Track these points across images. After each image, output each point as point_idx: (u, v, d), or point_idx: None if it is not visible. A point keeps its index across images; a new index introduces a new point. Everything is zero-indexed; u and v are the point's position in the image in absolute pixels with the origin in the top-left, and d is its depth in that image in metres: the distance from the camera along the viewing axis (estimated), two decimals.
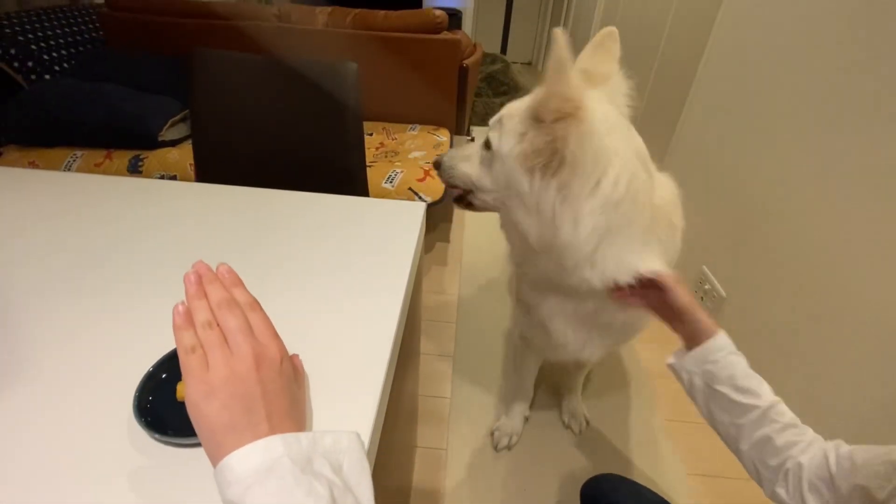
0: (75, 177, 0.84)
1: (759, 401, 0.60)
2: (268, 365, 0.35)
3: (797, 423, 0.59)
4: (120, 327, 0.51)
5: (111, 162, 1.71)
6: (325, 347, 0.49)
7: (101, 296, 0.55)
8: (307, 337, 0.51)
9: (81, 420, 0.40)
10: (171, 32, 2.16)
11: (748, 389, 0.61)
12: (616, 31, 0.72)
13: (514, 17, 6.12)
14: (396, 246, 0.67)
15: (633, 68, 0.71)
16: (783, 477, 0.56)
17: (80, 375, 0.45)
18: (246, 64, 1.06)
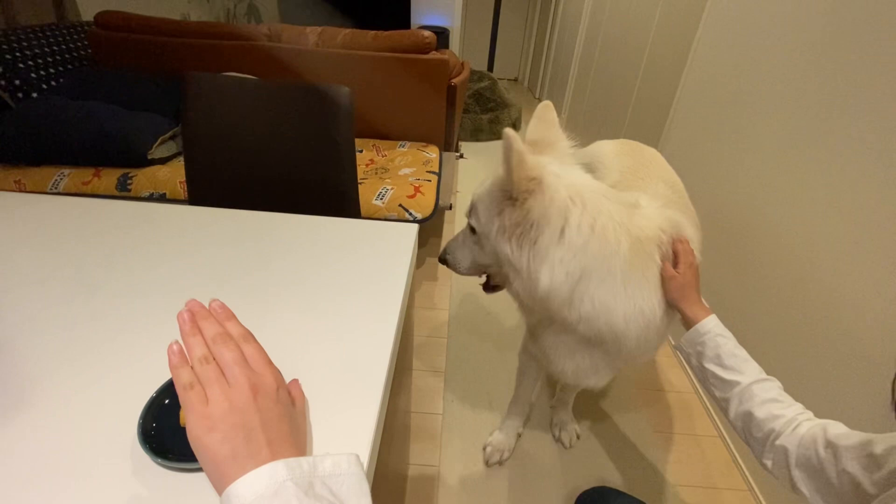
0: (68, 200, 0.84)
1: (741, 377, 0.68)
2: (264, 393, 0.37)
3: (782, 398, 0.65)
4: (119, 353, 0.51)
5: (99, 180, 1.70)
6: (322, 369, 0.51)
7: (98, 321, 0.55)
8: (304, 359, 0.52)
9: (83, 448, 0.41)
10: (160, 51, 2.18)
11: (732, 367, 0.69)
12: (551, 103, 0.82)
13: (500, 36, 6.26)
14: (390, 267, 0.69)
15: (616, 84, 0.76)
16: (770, 450, 0.62)
17: (80, 403, 0.45)
18: (239, 87, 1.07)
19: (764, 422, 0.62)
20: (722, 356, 0.70)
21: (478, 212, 0.76)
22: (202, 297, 0.60)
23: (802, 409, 0.63)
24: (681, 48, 1.77)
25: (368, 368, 0.51)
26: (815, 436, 0.56)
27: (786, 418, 0.61)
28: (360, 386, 0.49)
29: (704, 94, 1.62)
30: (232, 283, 0.64)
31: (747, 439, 0.66)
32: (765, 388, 0.66)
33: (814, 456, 0.55)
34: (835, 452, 0.52)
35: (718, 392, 0.70)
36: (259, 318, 0.58)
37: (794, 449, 0.58)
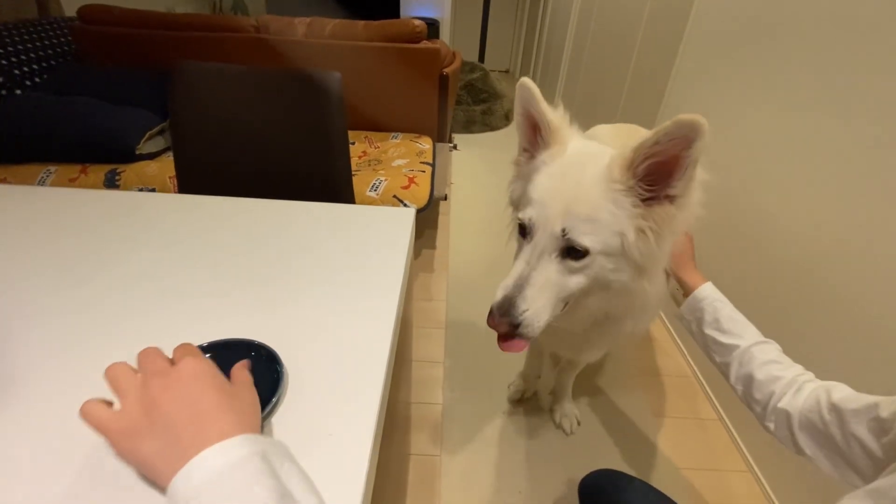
0: (53, 191, 0.82)
1: (740, 341, 0.68)
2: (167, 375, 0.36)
3: (782, 359, 0.65)
4: (107, 346, 0.50)
5: (86, 177, 1.67)
6: (321, 358, 0.49)
7: (85, 313, 0.54)
8: (305, 347, 0.50)
9: (70, 444, 0.39)
10: (146, 45, 2.13)
11: (730, 331, 0.70)
12: (530, 80, 0.72)
13: (491, 26, 6.21)
14: (388, 252, 0.68)
15: (609, 71, 0.75)
16: (772, 412, 0.61)
17: (67, 397, 0.43)
18: (228, 75, 1.05)
19: (764, 383, 0.62)
20: (720, 320, 0.71)
21: (597, 227, 0.61)
22: (193, 287, 0.59)
23: (802, 370, 0.63)
24: (674, 32, 1.76)
25: (369, 356, 0.50)
26: (818, 398, 0.55)
27: (786, 379, 0.61)
28: (361, 374, 0.48)
29: (699, 76, 1.62)
30: (225, 272, 0.63)
31: (748, 402, 0.66)
32: (764, 349, 0.66)
33: (818, 419, 0.54)
34: (840, 416, 0.52)
35: (719, 357, 0.71)
36: (255, 306, 0.56)
37: (796, 412, 0.57)
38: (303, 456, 0.39)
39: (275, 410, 0.42)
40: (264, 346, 0.47)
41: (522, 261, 0.64)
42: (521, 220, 0.66)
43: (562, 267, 0.64)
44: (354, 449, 0.39)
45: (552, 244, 0.63)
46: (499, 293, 0.65)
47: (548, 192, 0.64)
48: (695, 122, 0.53)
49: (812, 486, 1.04)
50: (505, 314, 0.63)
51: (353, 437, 0.40)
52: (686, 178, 0.59)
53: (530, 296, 0.63)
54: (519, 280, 0.64)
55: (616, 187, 0.60)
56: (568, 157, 0.67)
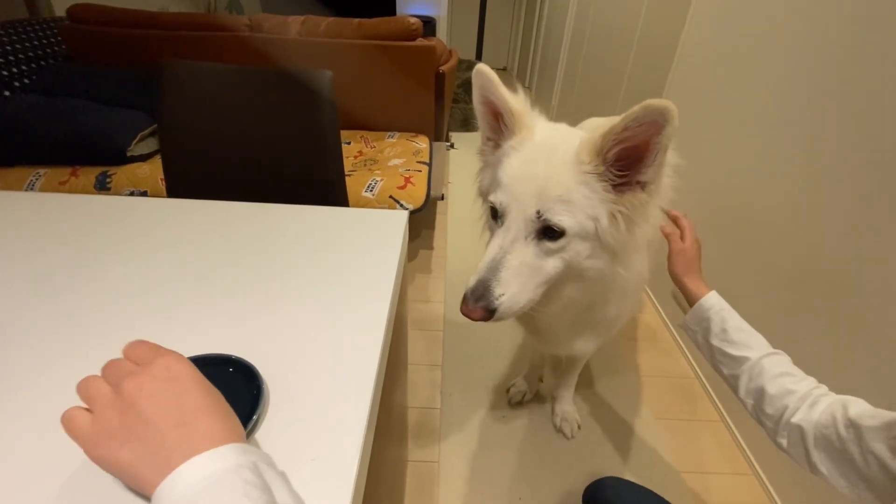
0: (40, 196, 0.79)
1: (750, 352, 0.65)
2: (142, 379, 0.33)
3: (794, 372, 0.62)
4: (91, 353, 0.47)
5: (77, 179, 1.64)
6: (310, 363, 0.47)
7: (69, 321, 0.51)
8: (290, 353, 0.48)
9: (43, 460, 0.37)
10: (138, 45, 2.10)
11: (739, 342, 0.67)
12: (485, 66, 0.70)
13: (488, 24, 6.18)
14: (380, 255, 0.65)
15: (607, 70, 0.72)
16: (784, 428, 0.58)
17: (41, 411, 0.41)
18: (217, 74, 1.02)
19: (776, 397, 0.60)
20: (728, 331, 0.68)
21: (572, 208, 0.60)
22: (177, 296, 0.56)
23: (816, 384, 0.60)
24: (671, 30, 1.73)
25: (359, 360, 0.47)
26: (833, 414, 0.53)
27: (799, 394, 0.58)
28: (350, 378, 0.45)
29: (697, 76, 1.59)
30: (212, 276, 0.60)
31: (759, 417, 0.63)
32: (775, 361, 0.63)
33: (834, 435, 0.52)
34: (858, 433, 0.49)
35: (727, 369, 0.68)
36: (243, 311, 0.54)
37: (810, 428, 0.55)
38: None
39: (256, 429, 0.40)
40: (243, 361, 0.44)
41: (496, 245, 0.62)
42: (492, 203, 0.65)
43: (538, 249, 0.62)
44: (339, 471, 0.37)
45: (527, 227, 0.61)
46: (472, 278, 0.62)
47: (519, 176, 0.63)
48: (664, 107, 0.53)
49: (816, 490, 1.02)
50: (480, 298, 0.61)
51: (338, 458, 0.38)
52: (656, 165, 0.58)
53: (505, 279, 0.61)
54: (493, 263, 0.61)
55: (586, 170, 0.60)
56: (537, 142, 0.65)
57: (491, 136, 0.71)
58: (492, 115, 0.69)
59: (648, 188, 0.60)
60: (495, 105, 0.67)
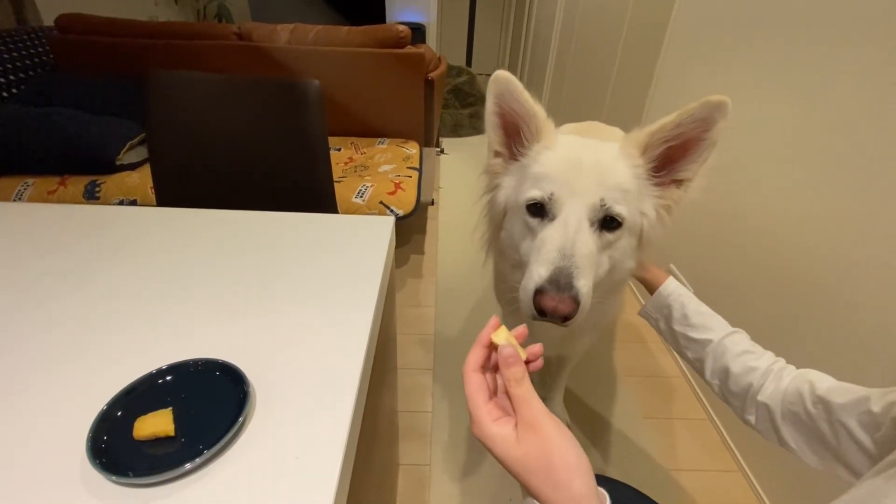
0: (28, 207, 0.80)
1: (712, 334, 0.67)
2: None
3: (753, 349, 0.64)
4: (69, 364, 0.48)
5: (65, 189, 1.64)
6: (295, 367, 0.48)
7: (47, 332, 0.52)
8: (277, 357, 0.49)
9: (30, 468, 0.38)
10: (127, 54, 2.10)
11: (700, 325, 0.68)
12: None
13: (478, 30, 6.23)
14: (365, 261, 0.66)
15: (593, 75, 0.74)
16: (751, 405, 0.60)
17: (28, 419, 0.42)
18: (204, 84, 1.03)
19: (740, 375, 0.62)
20: (689, 315, 0.69)
21: (629, 198, 0.60)
22: (163, 303, 0.57)
23: (773, 357, 0.62)
24: (656, 32, 1.77)
25: (343, 363, 0.49)
26: (800, 390, 0.54)
27: (761, 370, 0.60)
28: (334, 381, 0.46)
29: (680, 79, 1.63)
30: (200, 283, 0.61)
31: (726, 397, 0.65)
32: (735, 340, 0.65)
33: (802, 412, 0.53)
34: (828, 409, 0.51)
35: (691, 353, 0.70)
36: (230, 317, 0.55)
37: (777, 405, 0.57)
38: (270, 477, 0.38)
39: (242, 431, 0.41)
40: (230, 364, 0.45)
41: (557, 234, 0.56)
42: (535, 199, 0.59)
43: (599, 242, 0.59)
44: (323, 468, 0.38)
45: (591, 215, 0.58)
46: (542, 269, 0.54)
47: (571, 166, 0.59)
48: (721, 102, 0.52)
49: (802, 484, 1.04)
50: (564, 288, 0.52)
51: (321, 456, 0.39)
52: (701, 161, 0.58)
53: (582, 266, 0.54)
54: (565, 250, 0.55)
55: (637, 163, 0.60)
56: (570, 143, 0.63)
57: (501, 150, 0.68)
58: (505, 126, 0.65)
59: (685, 185, 0.61)
60: (516, 113, 0.63)
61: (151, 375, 0.44)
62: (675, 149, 0.58)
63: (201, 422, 0.41)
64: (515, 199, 0.65)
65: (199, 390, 0.43)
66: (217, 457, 0.39)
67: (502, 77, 0.61)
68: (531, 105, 0.62)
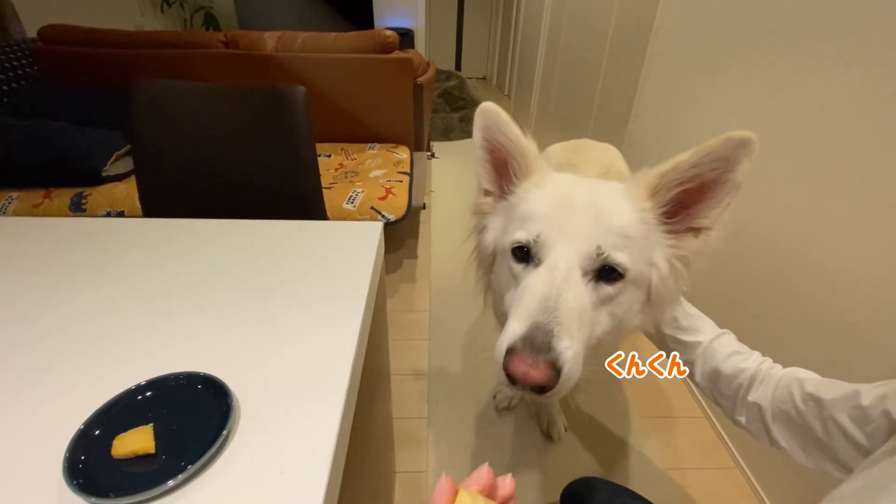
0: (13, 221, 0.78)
1: (702, 336, 0.66)
2: None
3: (742, 349, 0.64)
4: (45, 383, 0.47)
5: (51, 201, 1.61)
6: (281, 379, 0.47)
7: (27, 350, 0.50)
8: (262, 369, 0.48)
9: (4, 490, 0.36)
10: (112, 64, 2.09)
11: (689, 328, 0.67)
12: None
13: (466, 35, 6.27)
14: (353, 268, 0.66)
15: (581, 77, 0.73)
16: (742, 405, 0.60)
17: (2, 440, 0.40)
18: (189, 93, 1.02)
19: (730, 377, 0.61)
20: (678, 317, 0.68)
21: (632, 246, 0.51)
22: (146, 317, 0.56)
23: (761, 357, 0.62)
24: (641, 32, 1.79)
25: (330, 372, 0.48)
26: (790, 389, 0.54)
27: (750, 371, 0.60)
28: (321, 391, 0.46)
29: (665, 80, 1.64)
30: (183, 294, 0.60)
31: (716, 398, 0.65)
32: (724, 342, 0.65)
33: (792, 410, 0.53)
34: (818, 405, 0.51)
35: (682, 356, 0.69)
36: (214, 328, 0.54)
37: (767, 404, 0.56)
38: (254, 492, 0.37)
39: (226, 445, 0.40)
40: (212, 377, 0.44)
41: (540, 282, 0.48)
42: (519, 242, 0.52)
43: (595, 296, 0.50)
44: (309, 482, 0.37)
45: (583, 263, 0.49)
46: (516, 326, 0.45)
47: (564, 203, 0.52)
48: (746, 139, 0.45)
49: (799, 479, 1.04)
50: (540, 350, 0.43)
51: (308, 469, 0.38)
52: (723, 207, 0.49)
53: (568, 323, 0.45)
54: (546, 302, 0.46)
55: (645, 207, 0.51)
56: (563, 181, 0.57)
57: (490, 188, 0.62)
58: (495, 162, 0.60)
59: (704, 234, 0.51)
60: (504, 148, 0.58)
61: (131, 391, 0.43)
62: (692, 192, 0.50)
63: (183, 437, 0.40)
64: (502, 242, 0.58)
65: (181, 405, 0.42)
66: (200, 473, 0.38)
67: (488, 109, 0.57)
68: (520, 139, 0.57)
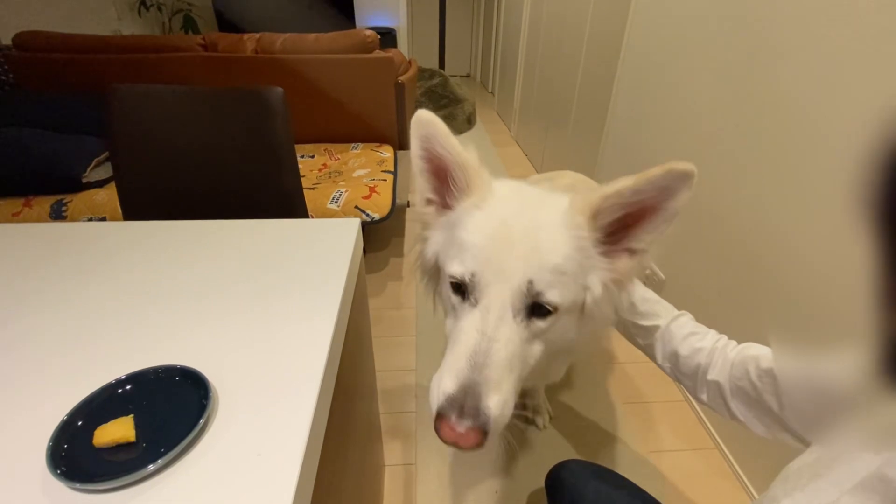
0: None
1: (659, 320, 0.69)
2: None
3: (698, 329, 0.67)
4: (29, 378, 0.48)
5: (31, 209, 1.60)
6: (258, 370, 0.49)
7: (9, 349, 0.52)
8: (240, 362, 0.50)
9: None
10: (90, 70, 2.07)
11: (647, 312, 0.70)
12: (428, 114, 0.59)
13: (449, 33, 6.28)
14: (330, 263, 0.67)
15: (560, 73, 0.75)
16: (702, 384, 0.64)
17: None
18: (165, 96, 1.03)
19: (689, 358, 0.65)
20: (636, 303, 0.70)
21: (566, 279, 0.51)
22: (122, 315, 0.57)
23: (717, 335, 0.66)
24: (615, 33, 1.82)
25: (304, 367, 0.49)
26: (745, 365, 0.58)
27: (707, 350, 0.63)
28: (296, 382, 0.47)
29: (640, 78, 1.67)
30: (158, 295, 0.61)
31: (678, 378, 0.68)
32: (681, 324, 0.68)
33: (749, 386, 0.57)
34: (774, 380, 0.54)
35: (641, 339, 0.72)
36: (193, 324, 0.56)
37: (726, 382, 0.60)
38: (232, 474, 0.38)
39: (204, 433, 0.42)
40: (190, 369, 0.46)
41: (472, 330, 0.49)
42: (454, 277, 0.52)
43: (527, 332, 0.51)
44: (284, 463, 0.39)
45: (515, 303, 0.50)
46: (446, 382, 0.46)
47: (498, 236, 0.51)
48: (687, 171, 0.46)
49: (776, 458, 1.08)
50: (467, 414, 0.45)
51: (283, 451, 0.40)
52: (659, 233, 0.51)
53: (496, 378, 0.47)
54: (476, 357, 0.47)
55: (581, 234, 0.52)
56: (505, 201, 0.55)
57: (433, 199, 0.61)
58: (435, 171, 0.59)
59: (640, 256, 0.53)
60: (441, 160, 0.56)
61: (111, 385, 0.44)
62: (632, 215, 0.51)
63: (163, 427, 0.41)
64: (442, 259, 0.57)
65: (160, 397, 0.44)
66: (179, 458, 0.39)
67: (424, 118, 0.55)
68: (459, 153, 0.55)
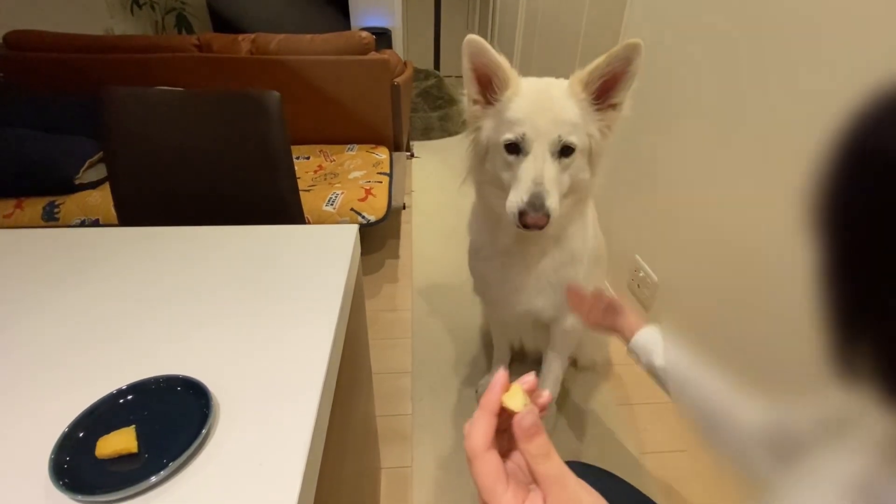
0: None
1: None
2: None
3: None
4: (29, 389, 0.48)
5: (22, 211, 1.59)
6: (259, 379, 0.49)
7: (8, 358, 0.51)
8: (240, 370, 0.50)
9: None
10: (82, 70, 2.05)
11: None
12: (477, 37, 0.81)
13: (444, 34, 6.27)
14: (329, 270, 0.68)
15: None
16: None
17: None
18: (161, 99, 1.03)
19: None
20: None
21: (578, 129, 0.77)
22: (129, 317, 0.57)
23: None
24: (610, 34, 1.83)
25: (306, 372, 0.50)
26: None
27: None
28: (298, 389, 0.48)
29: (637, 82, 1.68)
30: (157, 303, 0.61)
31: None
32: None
33: None
34: None
35: None
36: (193, 332, 0.56)
37: None
38: (235, 484, 0.39)
39: (206, 442, 0.42)
40: (191, 379, 0.46)
41: (531, 167, 0.75)
42: (510, 140, 0.77)
43: (560, 165, 0.78)
44: (286, 474, 0.39)
45: (551, 148, 0.76)
46: (523, 194, 0.74)
47: (535, 110, 0.76)
48: (636, 44, 0.72)
49: None
50: (538, 208, 0.73)
51: (285, 461, 0.40)
52: (627, 89, 0.77)
53: (549, 189, 0.74)
54: (538, 179, 0.75)
55: (581, 98, 0.77)
56: (530, 88, 0.79)
57: (478, 98, 0.84)
58: (479, 78, 0.81)
59: (619, 107, 0.80)
60: (486, 67, 0.79)
61: (112, 395, 0.45)
62: (609, 81, 0.77)
63: (165, 437, 0.42)
64: (495, 139, 0.80)
65: (162, 407, 0.44)
66: (182, 469, 0.40)
67: (473, 40, 0.79)
68: (497, 59, 0.78)
